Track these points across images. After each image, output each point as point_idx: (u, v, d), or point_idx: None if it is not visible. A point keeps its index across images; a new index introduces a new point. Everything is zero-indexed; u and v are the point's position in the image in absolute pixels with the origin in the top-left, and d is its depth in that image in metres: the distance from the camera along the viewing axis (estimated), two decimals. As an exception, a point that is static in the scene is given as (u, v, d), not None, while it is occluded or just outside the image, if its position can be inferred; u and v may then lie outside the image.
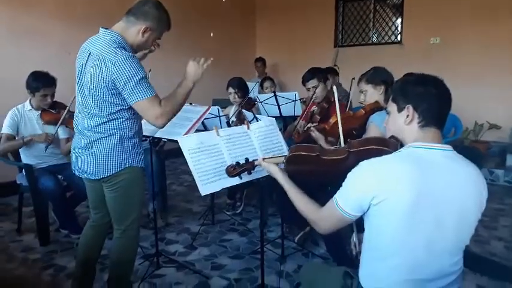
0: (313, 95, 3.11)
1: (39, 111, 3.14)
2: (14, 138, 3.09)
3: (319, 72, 3.15)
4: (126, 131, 1.91)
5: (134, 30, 1.86)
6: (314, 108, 3.06)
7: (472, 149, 5.02)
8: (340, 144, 1.83)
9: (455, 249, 1.30)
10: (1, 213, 3.78)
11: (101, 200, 2.07)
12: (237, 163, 1.79)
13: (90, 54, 1.83)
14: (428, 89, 1.31)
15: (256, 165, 1.76)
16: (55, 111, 3.14)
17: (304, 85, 3.21)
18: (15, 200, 3.39)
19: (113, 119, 1.86)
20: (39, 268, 2.74)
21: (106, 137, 1.87)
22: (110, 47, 1.78)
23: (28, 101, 3.17)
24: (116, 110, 1.85)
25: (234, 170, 1.78)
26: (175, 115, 1.93)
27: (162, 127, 1.92)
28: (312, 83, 3.12)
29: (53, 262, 2.81)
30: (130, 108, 1.87)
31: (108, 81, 1.76)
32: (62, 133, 3.23)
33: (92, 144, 1.89)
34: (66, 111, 3.08)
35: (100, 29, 1.87)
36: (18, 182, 3.25)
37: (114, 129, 1.88)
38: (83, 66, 1.86)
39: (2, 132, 3.10)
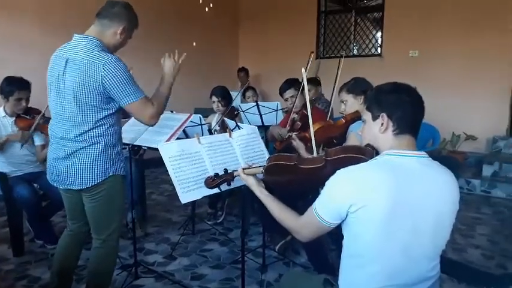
0: (292, 104, 3.14)
1: (14, 118, 3.07)
2: None
3: (296, 82, 3.19)
4: (111, 137, 1.89)
5: (111, 33, 1.87)
6: (294, 116, 3.08)
7: (449, 158, 5.13)
8: (313, 152, 1.83)
9: (433, 254, 1.32)
10: (-27, 223, 3.64)
11: (80, 210, 2.02)
12: (216, 174, 1.76)
13: (67, 61, 1.80)
14: (401, 97, 1.34)
15: (236, 176, 1.75)
16: (30, 117, 3.06)
17: (281, 96, 3.25)
18: (-12, 209, 3.29)
19: (98, 126, 1.84)
20: (13, 279, 2.64)
21: (90, 145, 1.84)
22: (94, 51, 1.77)
23: (2, 107, 3.09)
24: (103, 115, 1.83)
25: (213, 182, 1.75)
26: (161, 115, 1.96)
27: (153, 125, 1.96)
28: (289, 92, 3.17)
29: (27, 273, 2.72)
30: (115, 113, 1.87)
31: (99, 84, 1.75)
32: (37, 140, 3.15)
33: (74, 155, 1.85)
34: (40, 116, 3.01)
35: (74, 35, 1.86)
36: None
37: (99, 136, 1.85)
38: (61, 74, 1.82)
39: None
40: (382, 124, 1.35)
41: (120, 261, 2.83)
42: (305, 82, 1.86)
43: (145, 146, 2.36)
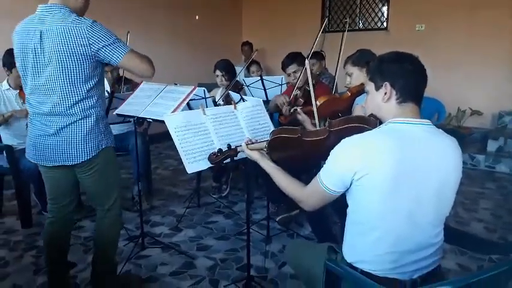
0: (295, 80, 3.10)
1: (18, 90, 3.06)
2: None
3: (298, 57, 3.14)
4: (100, 109, 1.88)
5: None
6: (297, 92, 3.05)
7: (454, 132, 5.10)
8: (316, 126, 1.83)
9: (437, 220, 1.34)
10: (-19, 196, 3.70)
11: (64, 187, 2.00)
12: (219, 150, 1.76)
13: (41, 33, 1.73)
14: (404, 65, 1.33)
15: (239, 152, 1.75)
16: None
17: (284, 71, 3.20)
18: (-4, 182, 3.32)
19: (88, 97, 1.81)
20: (22, 250, 2.70)
21: (81, 119, 1.81)
22: (70, 17, 1.73)
23: (6, 80, 3.09)
24: (92, 85, 1.81)
25: (216, 158, 1.74)
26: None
27: (150, 76, 1.92)
28: (292, 68, 3.12)
29: (35, 244, 2.78)
30: (100, 82, 1.87)
31: (87, 48, 1.72)
32: None
33: (64, 130, 1.81)
34: None
35: (39, 6, 1.79)
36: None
37: (90, 109, 1.82)
38: (38, 48, 1.75)
39: None
40: (385, 93, 1.34)
41: (127, 232, 2.90)
42: (311, 84, 1.81)
43: (150, 118, 2.35)
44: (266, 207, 3.01)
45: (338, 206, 1.49)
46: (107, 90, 3.22)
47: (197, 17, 6.04)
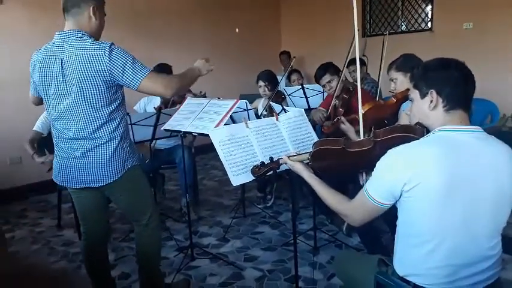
0: (330, 90, 3.09)
1: None
2: (41, 137, 3.13)
3: (329, 67, 3.13)
4: (124, 131, 1.90)
5: (85, 18, 1.81)
6: (335, 102, 3.02)
7: (510, 134, 4.82)
8: (359, 135, 1.79)
9: (493, 231, 1.28)
10: (41, 209, 3.95)
11: (92, 209, 2.05)
12: (262, 163, 1.77)
13: (62, 60, 1.76)
14: (450, 72, 1.30)
15: (281, 164, 1.75)
16: None
17: (318, 83, 3.19)
18: (55, 197, 3.54)
19: (111, 120, 1.84)
20: (80, 261, 2.85)
21: (106, 142, 1.84)
22: (88, 42, 1.75)
23: None
24: (113, 107, 1.83)
25: (258, 171, 1.76)
26: (180, 91, 1.94)
27: (171, 96, 1.93)
28: (326, 78, 3.10)
29: (92, 255, 2.92)
30: (122, 105, 1.89)
31: (105, 73, 1.73)
32: None
33: (90, 152, 1.84)
34: None
35: (56, 33, 1.82)
36: (53, 178, 3.35)
37: (114, 131, 1.85)
38: (59, 76, 1.78)
39: (33, 128, 3.15)
40: (432, 101, 1.31)
41: (176, 243, 2.98)
42: (359, 93, 1.78)
43: (195, 133, 2.42)
44: (312, 217, 2.98)
45: (387, 215, 1.45)
46: (154, 107, 3.34)
47: (237, 30, 6.14)
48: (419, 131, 1.41)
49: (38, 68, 1.85)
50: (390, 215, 1.40)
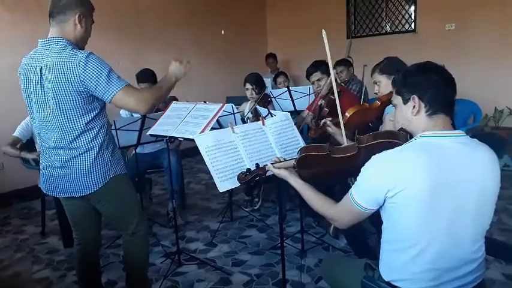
0: (318, 88, 3.11)
1: None
2: (21, 143, 3.12)
3: (322, 65, 3.14)
4: (103, 141, 1.85)
5: (70, 25, 1.77)
6: (321, 101, 3.04)
7: (492, 135, 4.90)
8: (350, 138, 1.80)
9: (477, 235, 1.29)
10: (25, 216, 3.88)
11: (80, 216, 2.03)
12: (248, 170, 1.76)
13: (41, 69, 1.73)
14: (430, 76, 1.31)
15: (268, 170, 1.75)
16: None
17: (308, 79, 3.21)
18: (38, 204, 3.48)
19: (88, 130, 1.79)
20: (64, 269, 2.80)
21: (84, 152, 1.81)
22: (65, 51, 1.71)
23: None
24: (90, 118, 1.78)
25: (245, 177, 1.75)
26: (155, 104, 1.87)
27: (145, 112, 1.86)
28: (316, 76, 3.13)
29: (78, 263, 2.87)
30: (101, 114, 1.84)
31: (79, 84, 1.69)
32: None
33: (69, 163, 1.81)
34: None
35: (39, 41, 1.79)
36: (40, 185, 3.31)
37: (91, 141, 1.81)
38: (38, 84, 1.75)
39: (13, 134, 3.13)
40: (414, 106, 1.32)
41: (163, 249, 2.96)
42: (336, 95, 1.79)
43: (181, 137, 2.40)
44: (299, 219, 2.99)
45: (373, 216, 1.46)
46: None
47: (223, 32, 6.13)
48: (403, 136, 1.42)
49: (22, 75, 1.84)
50: (376, 217, 1.41)
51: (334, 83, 1.80)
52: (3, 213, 3.96)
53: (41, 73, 1.74)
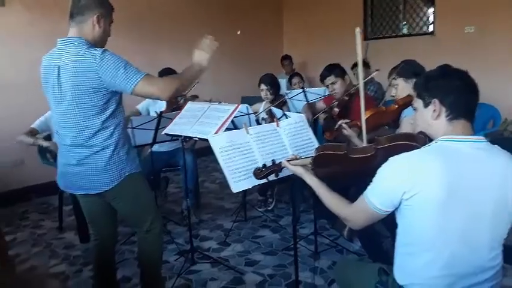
0: (333, 91, 3.11)
1: None
2: (36, 132, 3.19)
3: (336, 68, 3.14)
4: (119, 139, 1.88)
5: (88, 26, 1.80)
6: (334, 101, 3.04)
7: (512, 140, 4.81)
8: (363, 141, 1.80)
9: (493, 242, 1.28)
10: (43, 211, 3.96)
11: (97, 213, 2.07)
12: (264, 165, 1.78)
13: (59, 68, 1.77)
14: (452, 81, 1.30)
15: (283, 167, 1.75)
16: None
17: (322, 83, 3.21)
18: (56, 199, 3.54)
19: (103, 128, 1.82)
20: (80, 264, 2.85)
21: (100, 150, 1.83)
22: (81, 50, 1.74)
23: None
24: (106, 116, 1.81)
25: (260, 173, 1.76)
26: (178, 92, 1.89)
27: (168, 99, 1.89)
28: (330, 79, 3.12)
29: (93, 259, 2.93)
30: (117, 113, 1.86)
31: (96, 81, 1.72)
32: None
33: (85, 160, 1.85)
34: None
35: (58, 41, 1.83)
36: (57, 181, 3.38)
37: (107, 140, 1.83)
38: (56, 83, 1.79)
39: (31, 126, 3.21)
40: (435, 110, 1.31)
41: (177, 247, 2.99)
42: (362, 98, 1.78)
43: (196, 137, 2.42)
44: (313, 221, 2.98)
45: (388, 220, 1.45)
46: (155, 111, 3.35)
47: (239, 32, 6.14)
48: (421, 139, 1.42)
49: (42, 74, 1.88)
50: (390, 220, 1.40)
51: (361, 84, 1.79)
52: (22, 208, 4.05)
53: (58, 72, 1.77)
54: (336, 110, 2.96)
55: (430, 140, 1.37)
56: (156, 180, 3.69)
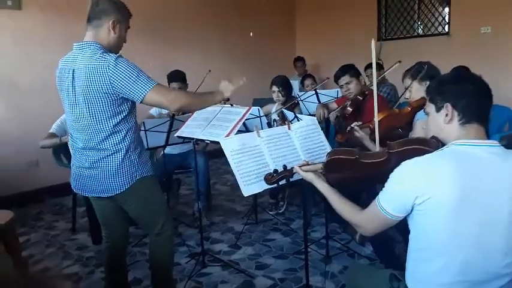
0: (347, 92, 3.08)
1: None
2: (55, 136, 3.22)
3: (350, 69, 3.11)
4: (130, 143, 1.88)
5: (104, 31, 1.83)
6: (348, 101, 3.00)
7: (529, 143, 4.70)
8: (377, 144, 1.77)
9: (508, 248, 1.24)
10: (56, 213, 4.01)
11: (110, 216, 2.09)
12: (275, 171, 1.77)
13: (74, 72, 1.79)
14: (465, 85, 1.29)
15: (295, 173, 1.74)
16: None
17: (336, 83, 3.17)
18: (70, 200, 3.59)
19: (115, 132, 1.83)
20: (93, 265, 2.88)
21: (111, 154, 1.84)
22: (96, 55, 1.75)
23: None
24: (118, 120, 1.82)
25: (272, 178, 1.76)
26: (186, 107, 1.91)
27: (176, 111, 1.91)
28: (344, 79, 3.08)
29: (105, 260, 2.95)
30: (130, 117, 1.87)
31: (108, 86, 1.73)
32: None
33: (97, 164, 1.86)
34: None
35: (74, 44, 1.85)
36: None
37: (119, 144, 1.84)
38: (70, 87, 1.81)
39: (49, 131, 3.24)
40: (447, 115, 1.30)
41: (188, 249, 2.99)
42: (375, 100, 1.77)
43: (208, 140, 2.42)
44: (325, 224, 2.95)
45: (401, 224, 1.43)
46: (168, 114, 3.37)
47: (251, 34, 6.14)
48: (434, 144, 1.39)
49: (58, 77, 1.91)
50: (403, 225, 1.38)
51: (375, 91, 1.77)
52: (37, 209, 4.11)
53: (73, 75, 1.80)
54: (349, 109, 2.93)
55: (443, 144, 1.35)
56: (168, 182, 3.71)
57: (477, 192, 1.19)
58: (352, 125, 2.36)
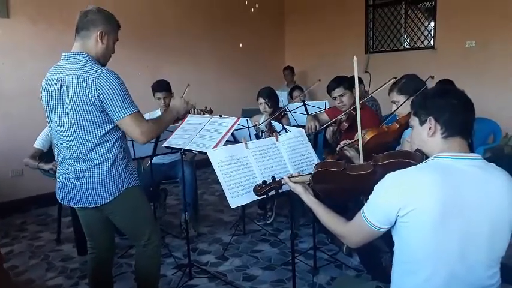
0: (341, 104, 3.09)
1: None
2: (42, 153, 3.24)
3: (344, 81, 3.11)
4: (118, 153, 1.88)
5: (92, 42, 1.84)
6: (342, 116, 3.01)
7: (513, 155, 4.79)
8: (361, 159, 1.80)
9: (490, 261, 1.27)
10: (41, 223, 3.94)
11: (95, 227, 2.06)
12: (264, 182, 1.78)
13: (62, 81, 1.79)
14: (448, 100, 1.32)
15: (284, 184, 1.75)
16: None
17: (329, 94, 3.17)
18: (55, 210, 3.53)
19: (103, 142, 1.83)
20: (77, 277, 2.83)
21: (98, 164, 1.84)
22: (87, 65, 1.77)
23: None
24: (105, 131, 1.82)
25: (261, 189, 1.77)
26: (155, 136, 1.98)
27: (144, 143, 1.93)
28: (337, 91, 3.08)
29: (90, 271, 2.90)
30: (117, 127, 1.86)
31: (96, 99, 1.74)
32: None
33: (84, 173, 1.85)
34: None
35: (62, 54, 1.86)
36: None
37: (106, 153, 1.84)
38: (57, 96, 1.81)
39: (34, 145, 3.24)
40: (430, 128, 1.32)
41: (175, 261, 2.96)
42: (358, 116, 1.80)
43: (195, 151, 2.42)
44: (312, 235, 2.96)
45: (387, 235, 1.44)
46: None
47: (241, 45, 6.19)
48: (418, 157, 1.42)
49: (44, 87, 1.90)
50: (389, 236, 1.39)
51: (358, 108, 1.80)
52: (21, 219, 4.04)
53: (61, 85, 1.79)
54: (345, 124, 2.92)
55: (427, 157, 1.37)
56: (155, 192, 3.68)
57: (459, 204, 1.21)
58: (341, 144, 2.36)
